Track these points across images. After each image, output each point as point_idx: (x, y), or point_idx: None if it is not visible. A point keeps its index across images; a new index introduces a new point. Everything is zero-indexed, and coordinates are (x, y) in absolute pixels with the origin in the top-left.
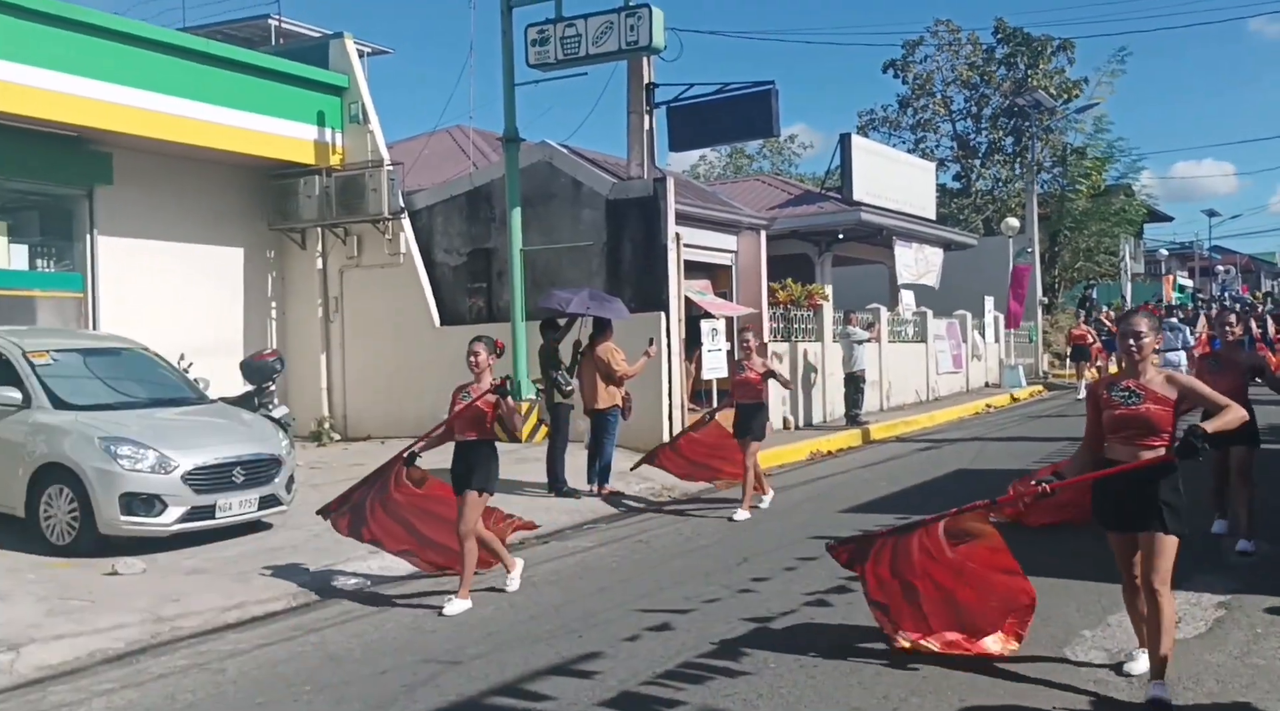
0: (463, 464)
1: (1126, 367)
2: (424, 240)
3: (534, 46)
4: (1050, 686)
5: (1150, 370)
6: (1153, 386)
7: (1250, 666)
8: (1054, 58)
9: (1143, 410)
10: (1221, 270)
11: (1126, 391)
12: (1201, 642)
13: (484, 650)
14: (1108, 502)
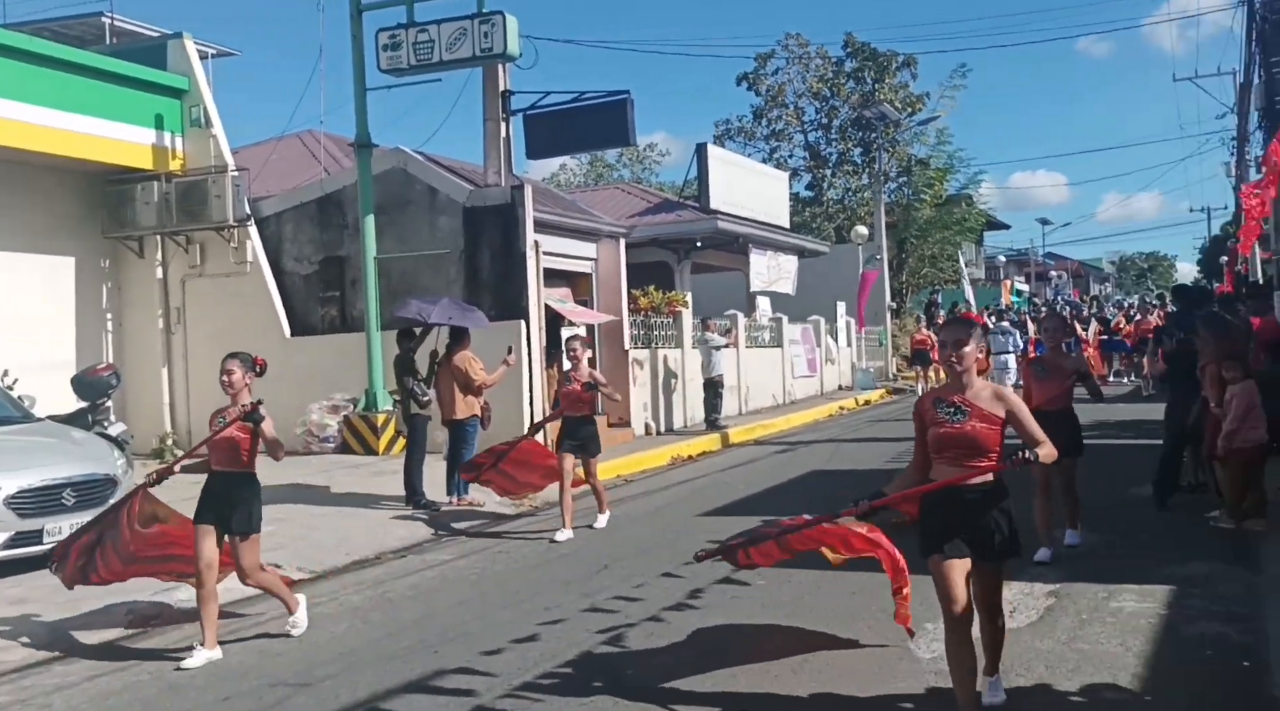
0: (219, 500)
1: (950, 381)
2: (273, 248)
3: (386, 51)
4: (893, 676)
5: (977, 383)
6: (979, 402)
7: (1076, 651)
8: (899, 73)
9: (968, 429)
10: (1055, 275)
11: (952, 407)
12: (1033, 630)
13: (335, 670)
14: (936, 525)
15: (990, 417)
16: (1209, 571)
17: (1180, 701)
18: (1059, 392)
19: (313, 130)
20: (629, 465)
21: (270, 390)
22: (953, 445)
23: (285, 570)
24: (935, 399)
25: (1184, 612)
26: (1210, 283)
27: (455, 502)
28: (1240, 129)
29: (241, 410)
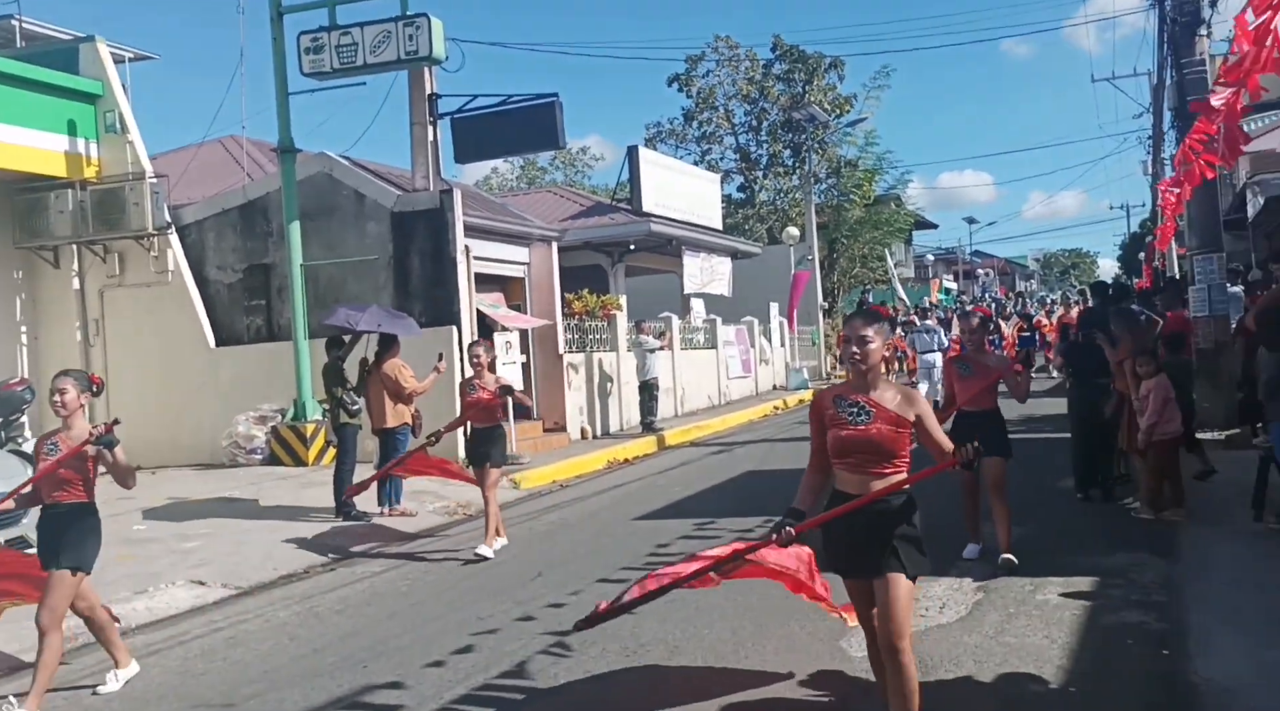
0: (51, 533)
1: (854, 379)
2: (195, 257)
3: (308, 55)
4: (825, 678)
5: (882, 383)
6: (885, 403)
7: (1003, 645)
8: (826, 74)
9: (872, 431)
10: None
11: (855, 407)
12: (961, 625)
13: (260, 689)
14: (838, 544)
15: (897, 420)
16: (1129, 561)
17: (1103, 691)
18: (983, 392)
19: (235, 136)
20: (565, 470)
21: (195, 401)
22: (855, 449)
23: (210, 587)
24: (836, 396)
25: (1106, 603)
26: (1130, 278)
27: (387, 512)
28: (1155, 128)
29: (93, 432)
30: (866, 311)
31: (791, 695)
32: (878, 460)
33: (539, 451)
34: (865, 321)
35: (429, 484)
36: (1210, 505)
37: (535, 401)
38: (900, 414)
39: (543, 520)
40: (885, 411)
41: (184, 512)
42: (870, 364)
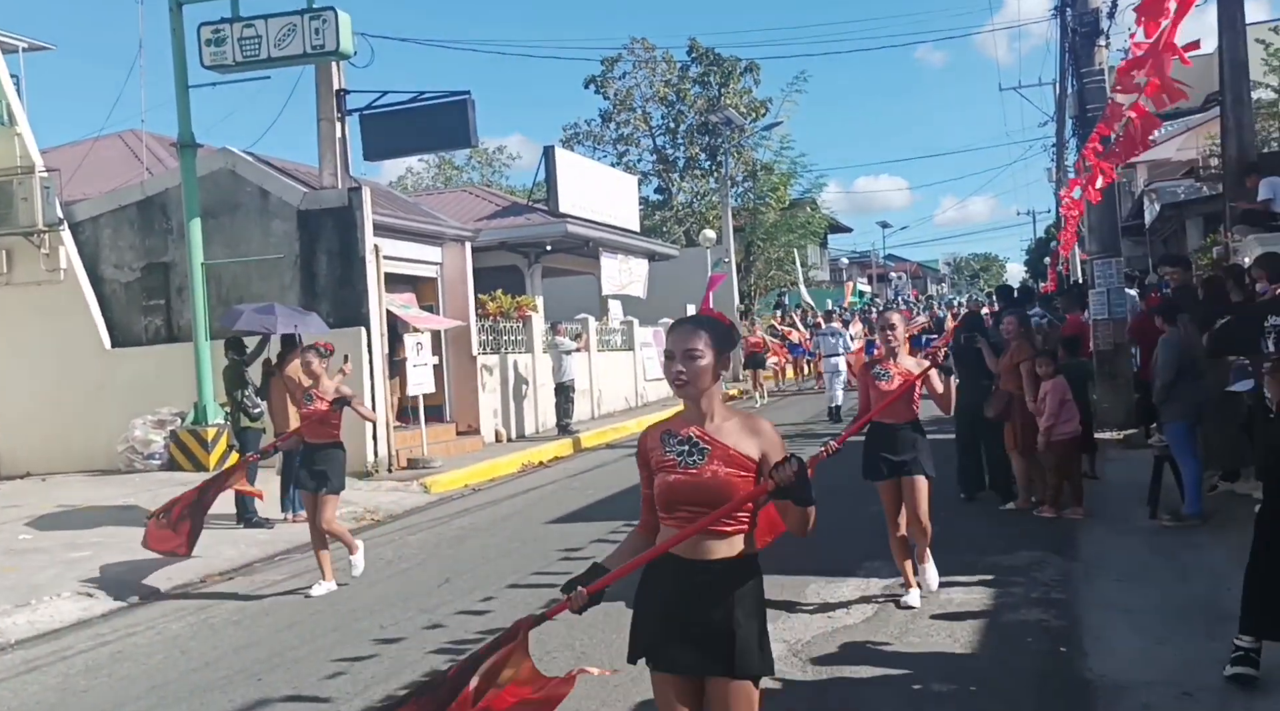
0: None
1: (686, 408)
2: (89, 254)
3: (209, 47)
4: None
5: (721, 411)
6: (723, 437)
7: (908, 645)
8: (743, 78)
9: (705, 476)
10: (895, 276)
11: (685, 444)
12: (868, 626)
13: (145, 706)
14: (648, 622)
15: (739, 460)
16: (1030, 560)
17: (1001, 689)
18: (901, 401)
19: (135, 130)
20: (477, 474)
21: (90, 405)
22: (685, 499)
23: (98, 599)
24: (664, 432)
25: (1007, 601)
26: (1036, 282)
27: (290, 519)
28: (1059, 136)
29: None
30: (696, 317)
31: None
32: (711, 512)
33: (451, 455)
34: (691, 331)
35: None
36: (1108, 503)
37: (449, 404)
38: (743, 452)
39: (452, 525)
40: (723, 449)
41: (74, 521)
42: (701, 386)
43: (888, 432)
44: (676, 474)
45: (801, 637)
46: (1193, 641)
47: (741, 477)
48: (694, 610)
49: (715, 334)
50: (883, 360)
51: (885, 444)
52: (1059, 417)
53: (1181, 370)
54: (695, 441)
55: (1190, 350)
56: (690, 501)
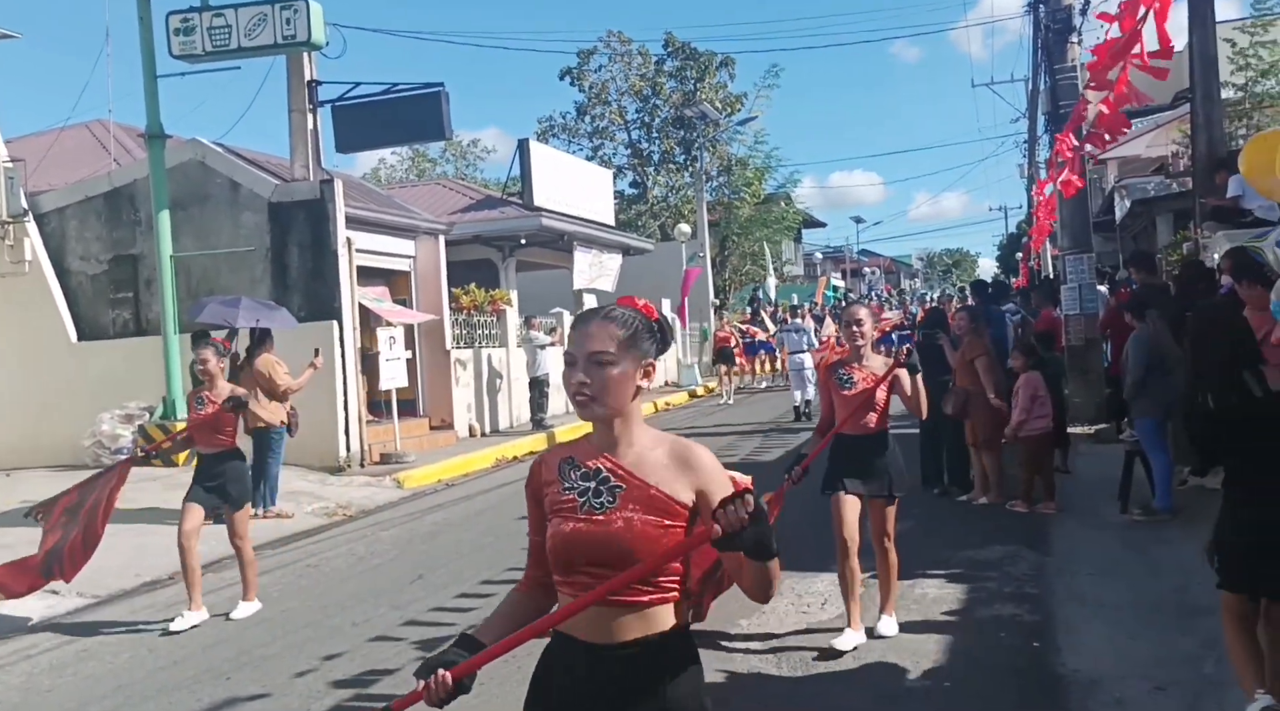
0: None
1: (595, 431)
2: (55, 246)
3: (178, 36)
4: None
5: (643, 436)
6: (642, 472)
7: (882, 640)
8: (718, 72)
9: (616, 524)
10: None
11: (591, 480)
12: (841, 622)
13: (110, 706)
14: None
15: (663, 504)
16: (1003, 554)
17: (974, 685)
18: (866, 409)
19: (102, 119)
20: (451, 469)
21: (56, 399)
22: (588, 557)
23: (64, 596)
24: (564, 460)
25: (981, 596)
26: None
27: (261, 514)
28: (1031, 132)
29: None
30: (607, 309)
31: None
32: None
33: (424, 450)
34: (599, 327)
35: (307, 484)
36: (1080, 498)
37: (422, 398)
38: (670, 493)
39: (425, 521)
40: (642, 487)
41: None
42: (612, 403)
43: (852, 444)
44: (576, 521)
45: (775, 631)
46: (1164, 636)
47: (665, 528)
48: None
49: (633, 331)
50: (846, 362)
51: (850, 457)
52: (1030, 413)
53: (1151, 366)
54: (605, 477)
55: (1160, 346)
56: (595, 560)
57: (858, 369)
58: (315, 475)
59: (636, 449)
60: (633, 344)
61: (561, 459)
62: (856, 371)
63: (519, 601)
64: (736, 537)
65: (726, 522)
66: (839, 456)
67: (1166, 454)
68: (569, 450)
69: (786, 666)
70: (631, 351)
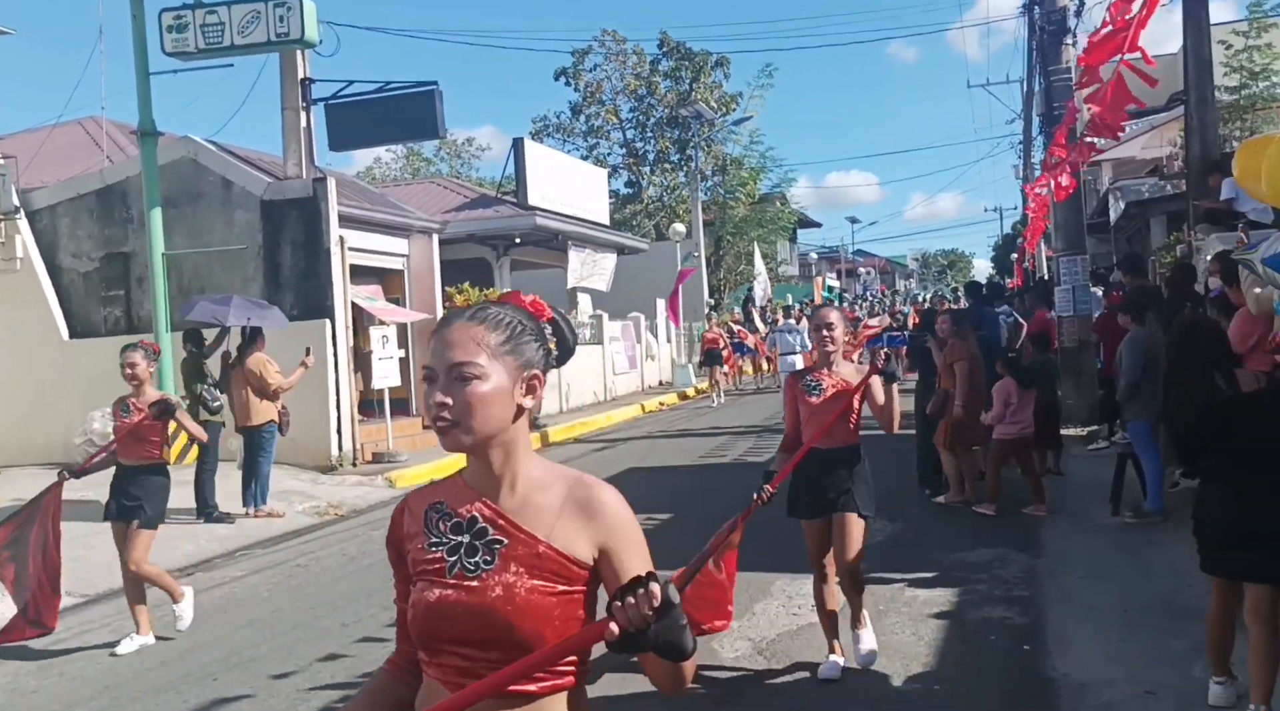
0: None
1: (471, 465)
2: (47, 243)
3: (170, 33)
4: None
5: (528, 465)
6: (528, 519)
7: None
8: (713, 72)
9: (493, 594)
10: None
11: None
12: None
13: (99, 706)
14: None
15: (555, 564)
16: (994, 557)
17: (965, 688)
18: (838, 421)
19: (95, 116)
20: (443, 468)
21: (47, 396)
22: (456, 634)
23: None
24: (431, 505)
25: (971, 598)
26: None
27: (252, 513)
28: (1026, 133)
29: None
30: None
31: None
32: (498, 655)
33: (417, 449)
34: (463, 332)
35: (298, 483)
36: (1071, 500)
37: (414, 397)
38: (564, 549)
39: None
40: (529, 542)
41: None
42: (481, 427)
43: (819, 459)
44: (444, 587)
45: (766, 635)
46: (1154, 639)
47: (558, 596)
48: None
49: (510, 335)
50: (815, 368)
51: (814, 473)
52: (1002, 419)
53: (1145, 368)
54: (481, 528)
55: (1155, 349)
56: (468, 637)
57: (827, 375)
58: (307, 474)
59: (522, 490)
60: (510, 351)
61: (429, 504)
62: (826, 378)
63: (385, 686)
64: (639, 637)
65: (625, 619)
66: (803, 472)
67: (1159, 456)
68: (438, 493)
69: (776, 667)
70: (507, 361)
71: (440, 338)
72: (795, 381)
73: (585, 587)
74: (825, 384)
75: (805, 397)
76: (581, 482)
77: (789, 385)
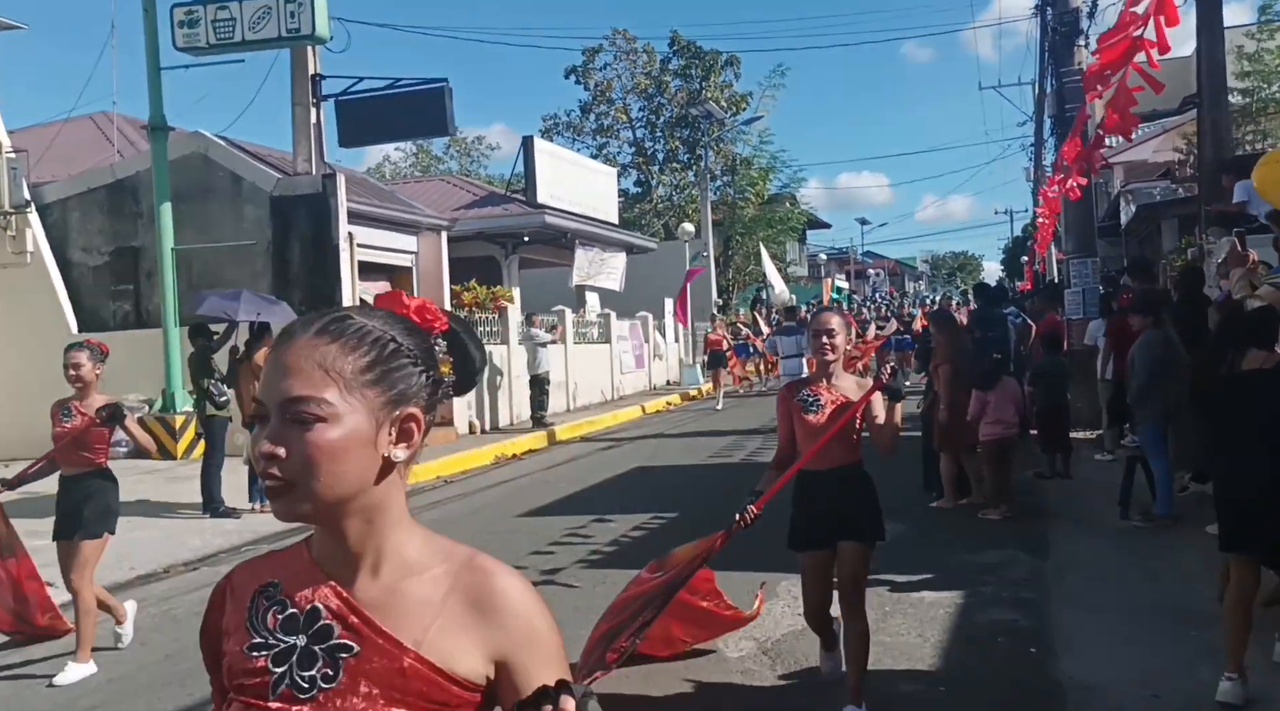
0: None
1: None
2: (58, 237)
3: (182, 28)
4: (701, 680)
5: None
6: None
7: (879, 644)
8: (723, 71)
9: None
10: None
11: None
12: (837, 625)
13: (101, 700)
14: None
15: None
16: (1001, 558)
17: (971, 690)
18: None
19: (106, 111)
20: (450, 465)
21: (55, 390)
22: None
23: (56, 589)
24: (262, 587)
25: (978, 600)
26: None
27: (258, 508)
28: (1037, 136)
29: None
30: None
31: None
32: None
33: (424, 446)
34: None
35: None
36: (1080, 503)
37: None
38: (436, 663)
39: (424, 517)
40: (390, 651)
41: (35, 509)
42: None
43: (819, 482)
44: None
45: (771, 635)
46: (1162, 643)
47: None
48: None
49: (375, 357)
50: (813, 380)
51: (816, 500)
52: (979, 420)
53: (1155, 372)
54: (324, 627)
55: (1168, 351)
56: None
57: (825, 389)
58: None
59: (389, 576)
60: (376, 381)
61: (260, 585)
62: (824, 392)
63: None
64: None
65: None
66: (803, 500)
67: (1167, 459)
68: (273, 569)
69: (780, 669)
70: (368, 395)
71: (275, 360)
72: (789, 395)
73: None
74: (824, 399)
75: (801, 415)
76: (474, 565)
77: (781, 399)
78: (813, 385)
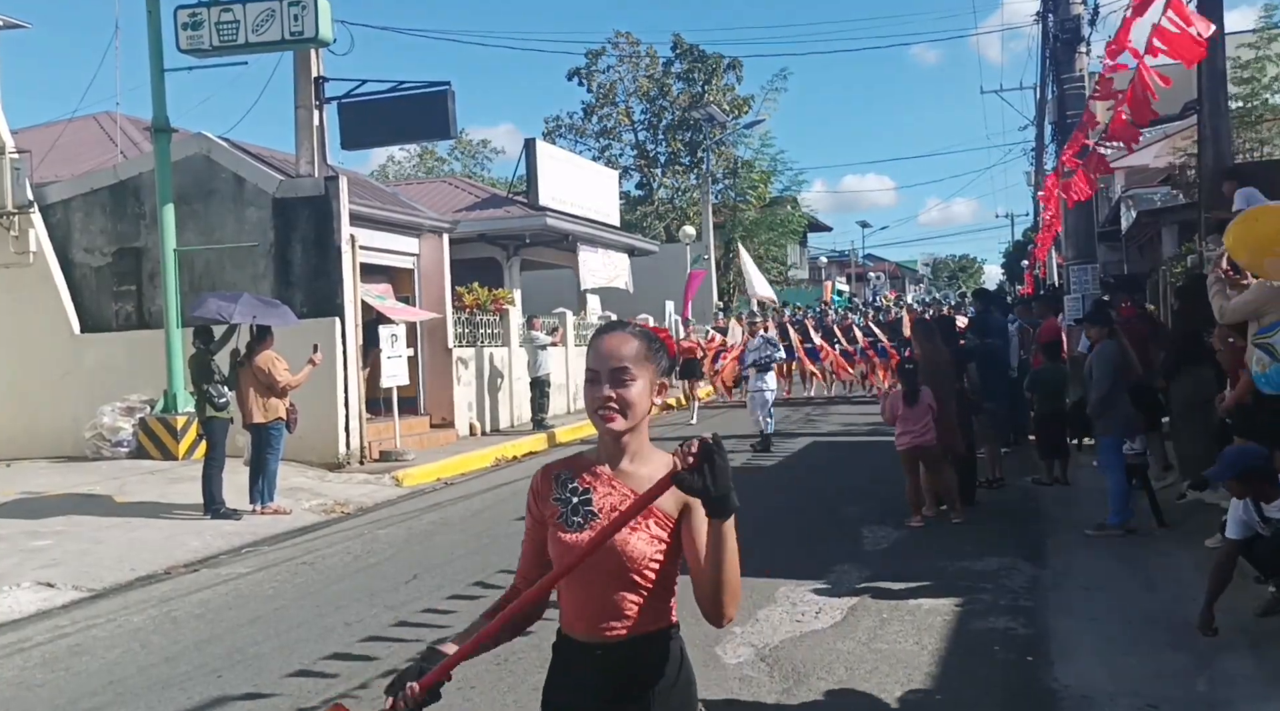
0: None
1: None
2: (60, 238)
3: (185, 30)
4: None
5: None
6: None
7: (875, 651)
8: (725, 74)
9: None
10: (874, 276)
11: None
12: (835, 632)
13: (100, 703)
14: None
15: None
16: (998, 566)
17: (968, 697)
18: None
19: (110, 112)
20: (450, 467)
21: (57, 390)
22: None
23: (59, 589)
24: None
25: (975, 608)
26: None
27: (258, 510)
28: (1038, 140)
29: None
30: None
31: None
32: None
33: (424, 448)
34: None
35: (305, 480)
36: (1077, 511)
37: (423, 396)
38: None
39: (423, 519)
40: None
41: (36, 508)
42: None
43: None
44: None
45: (769, 641)
46: (1158, 652)
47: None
48: None
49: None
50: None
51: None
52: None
53: (1115, 382)
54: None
55: (1124, 362)
56: None
57: (606, 481)
58: (314, 471)
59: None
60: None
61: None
62: (604, 486)
63: None
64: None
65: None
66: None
67: (1123, 471)
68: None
69: (779, 675)
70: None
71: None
72: (545, 489)
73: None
74: (597, 499)
75: (559, 532)
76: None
77: (533, 490)
78: (587, 471)
